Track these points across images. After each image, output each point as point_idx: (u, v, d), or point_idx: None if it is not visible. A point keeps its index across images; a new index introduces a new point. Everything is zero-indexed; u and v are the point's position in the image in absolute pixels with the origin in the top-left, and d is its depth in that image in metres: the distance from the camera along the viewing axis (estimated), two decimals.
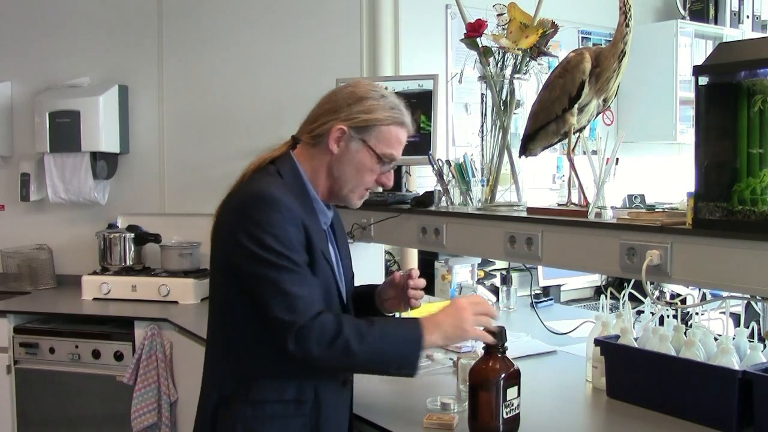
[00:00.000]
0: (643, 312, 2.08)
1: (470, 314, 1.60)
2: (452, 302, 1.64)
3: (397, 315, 1.88)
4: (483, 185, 2.43)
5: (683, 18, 4.26)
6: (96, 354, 3.08)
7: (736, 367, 1.70)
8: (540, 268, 3.35)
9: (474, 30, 2.37)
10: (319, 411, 1.60)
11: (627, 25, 2.03)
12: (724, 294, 1.88)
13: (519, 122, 2.39)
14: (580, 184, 2.18)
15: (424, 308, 2.83)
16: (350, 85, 1.65)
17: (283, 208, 1.51)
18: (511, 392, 1.63)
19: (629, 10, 2.03)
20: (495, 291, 3.17)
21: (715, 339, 1.83)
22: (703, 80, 1.67)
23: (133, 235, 3.52)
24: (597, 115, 2.25)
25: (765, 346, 1.79)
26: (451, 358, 2.24)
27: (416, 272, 1.80)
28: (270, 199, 1.52)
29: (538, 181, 3.72)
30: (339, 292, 1.65)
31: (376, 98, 1.62)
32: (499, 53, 2.37)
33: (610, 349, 1.93)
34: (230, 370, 1.61)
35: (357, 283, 1.87)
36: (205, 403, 1.64)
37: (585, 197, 2.15)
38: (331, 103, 1.63)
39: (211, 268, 1.65)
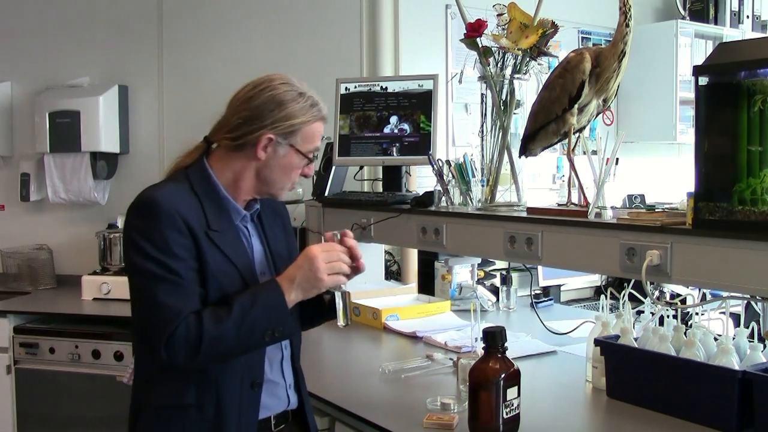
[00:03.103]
0: (643, 312, 2.08)
1: (322, 263, 1.54)
2: (303, 253, 1.57)
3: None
4: (483, 185, 2.43)
5: (683, 18, 4.25)
6: (96, 354, 3.09)
7: (736, 367, 1.70)
8: (540, 268, 3.35)
9: (474, 30, 2.37)
10: (221, 415, 1.57)
11: (627, 25, 2.03)
12: (724, 294, 1.88)
13: (519, 122, 2.39)
14: (580, 184, 2.18)
15: (419, 309, 2.86)
16: (266, 87, 1.62)
17: (163, 214, 1.51)
18: (511, 392, 1.63)
19: (629, 10, 2.03)
20: (495, 291, 3.17)
21: (715, 339, 1.83)
22: (703, 80, 1.67)
23: None
24: (597, 115, 2.25)
25: (765, 346, 1.79)
26: (451, 358, 2.24)
27: (350, 233, 1.67)
28: (150, 205, 1.53)
29: (538, 181, 3.72)
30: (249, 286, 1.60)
31: (296, 98, 1.61)
32: (499, 53, 2.37)
33: (610, 349, 1.93)
34: (139, 376, 1.68)
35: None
36: (130, 409, 1.69)
37: (585, 197, 2.15)
38: (252, 110, 1.60)
39: None
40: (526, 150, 2.34)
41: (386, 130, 2.88)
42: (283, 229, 1.81)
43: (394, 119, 2.87)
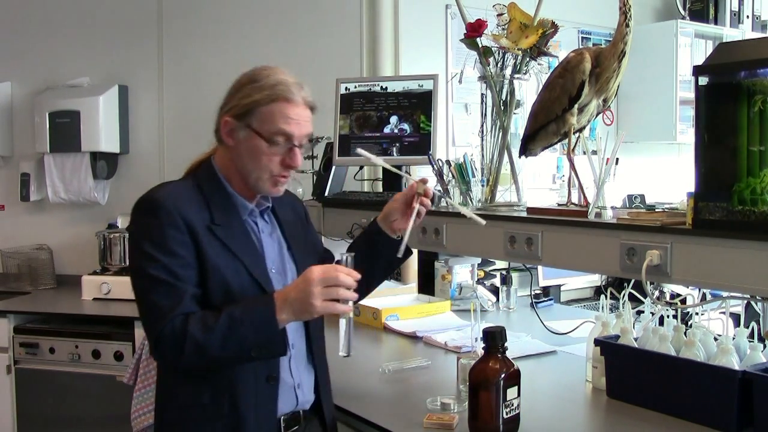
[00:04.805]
0: (643, 312, 2.08)
1: (317, 287, 1.46)
2: (304, 274, 1.50)
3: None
4: (483, 185, 2.43)
5: (683, 18, 4.25)
6: (96, 354, 3.09)
7: (736, 367, 1.70)
8: (540, 268, 3.35)
9: (474, 30, 2.37)
10: (237, 411, 1.56)
11: (627, 25, 2.03)
12: (724, 294, 1.88)
13: (519, 122, 2.39)
14: (580, 184, 2.18)
15: (419, 309, 2.86)
16: (240, 76, 1.66)
17: (161, 211, 1.53)
18: (511, 392, 1.63)
19: (629, 10, 2.03)
20: (495, 291, 3.17)
21: (715, 339, 1.83)
22: (703, 80, 1.67)
23: None
24: (597, 115, 2.25)
25: (765, 346, 1.79)
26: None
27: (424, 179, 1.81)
28: (149, 203, 1.56)
29: (538, 181, 3.72)
30: (259, 283, 1.59)
31: (257, 80, 1.60)
32: (499, 53, 2.37)
33: (610, 349, 1.93)
34: (161, 376, 1.68)
35: None
36: (155, 409, 1.71)
37: (585, 197, 2.15)
38: (223, 99, 1.65)
39: None
40: (526, 150, 2.34)
41: (386, 130, 2.88)
42: (303, 225, 1.82)
43: (394, 119, 2.87)
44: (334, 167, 3.09)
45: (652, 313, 2.04)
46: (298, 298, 1.48)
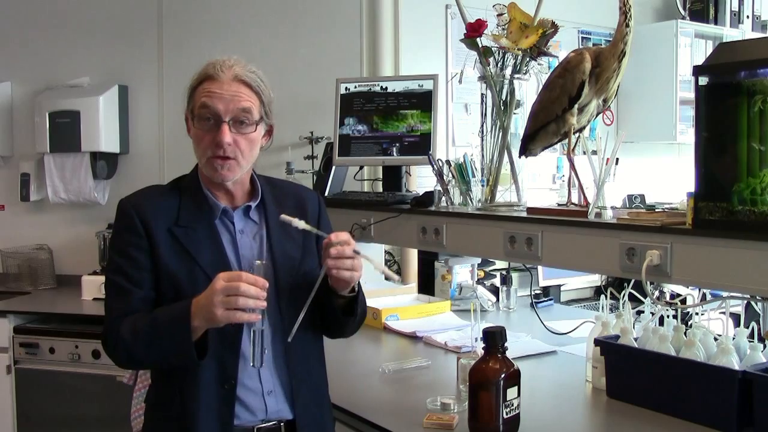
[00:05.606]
0: (643, 312, 2.08)
1: (219, 295, 1.41)
2: (213, 281, 1.45)
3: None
4: (483, 185, 2.43)
5: (683, 18, 4.25)
6: (96, 354, 3.09)
7: (736, 367, 1.71)
8: (540, 268, 3.35)
9: (474, 30, 2.37)
10: (188, 413, 1.53)
11: (627, 25, 2.03)
12: (724, 294, 1.88)
13: (519, 122, 2.39)
14: (580, 184, 2.18)
15: (419, 309, 2.86)
16: None
17: (124, 215, 1.59)
18: (511, 392, 1.63)
19: (629, 10, 2.03)
20: (495, 291, 3.17)
21: (715, 339, 1.83)
22: (703, 80, 1.67)
23: None
24: (597, 115, 2.25)
25: (765, 346, 1.80)
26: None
27: (340, 235, 1.54)
28: (117, 209, 1.62)
29: (538, 181, 3.72)
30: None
31: (196, 72, 1.66)
32: (499, 53, 2.37)
33: (610, 349, 1.93)
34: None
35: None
36: None
37: (585, 197, 2.15)
38: None
39: None
40: (526, 150, 2.34)
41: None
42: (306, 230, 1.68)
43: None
44: (334, 167, 3.09)
45: (652, 313, 2.04)
46: (204, 305, 1.44)
